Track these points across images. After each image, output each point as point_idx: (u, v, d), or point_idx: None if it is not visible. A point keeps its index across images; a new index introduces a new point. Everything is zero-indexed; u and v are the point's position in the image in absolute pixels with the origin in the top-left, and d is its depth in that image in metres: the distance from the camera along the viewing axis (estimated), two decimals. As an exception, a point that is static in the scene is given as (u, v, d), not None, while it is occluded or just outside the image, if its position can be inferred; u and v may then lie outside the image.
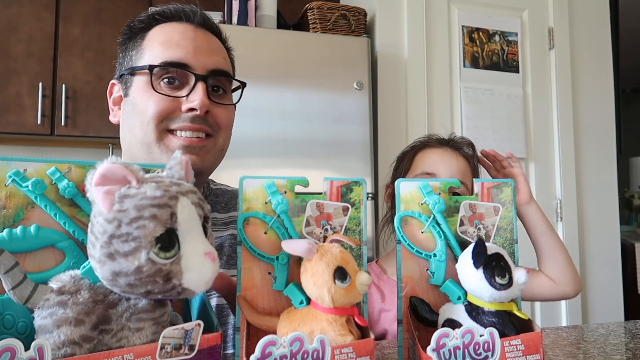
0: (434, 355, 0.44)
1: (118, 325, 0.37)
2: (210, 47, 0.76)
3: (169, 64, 0.72)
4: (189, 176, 0.43)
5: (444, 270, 0.52)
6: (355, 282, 0.43)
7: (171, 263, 0.36)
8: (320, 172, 1.74)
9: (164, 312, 0.39)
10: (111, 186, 0.36)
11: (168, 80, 0.72)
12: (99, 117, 2.19)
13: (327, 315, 0.43)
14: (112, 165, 0.36)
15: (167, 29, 0.75)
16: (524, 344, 0.45)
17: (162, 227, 0.36)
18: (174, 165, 0.42)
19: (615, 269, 2.14)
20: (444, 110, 1.99)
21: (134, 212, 0.36)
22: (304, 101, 1.76)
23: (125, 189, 0.37)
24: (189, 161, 0.43)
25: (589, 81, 2.19)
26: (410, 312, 0.51)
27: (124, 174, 0.37)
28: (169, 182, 0.39)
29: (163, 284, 0.36)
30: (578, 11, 2.20)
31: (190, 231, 0.38)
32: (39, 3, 2.16)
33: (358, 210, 0.50)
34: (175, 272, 0.36)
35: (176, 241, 0.37)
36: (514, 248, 0.53)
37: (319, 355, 0.40)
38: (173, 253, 0.36)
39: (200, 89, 0.71)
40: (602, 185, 2.17)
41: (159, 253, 0.36)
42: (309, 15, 1.87)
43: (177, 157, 0.42)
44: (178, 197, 0.38)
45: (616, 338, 0.67)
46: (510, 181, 0.54)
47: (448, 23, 2.04)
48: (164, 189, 0.37)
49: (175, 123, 0.71)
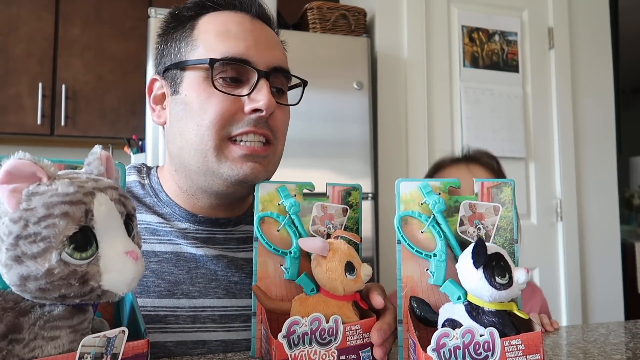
0: (434, 355, 0.44)
1: (31, 334, 0.35)
2: (269, 41, 0.67)
3: (230, 59, 0.62)
4: (111, 172, 0.40)
5: (444, 270, 0.52)
6: (360, 274, 0.51)
7: (88, 264, 0.34)
8: (320, 172, 1.74)
9: (83, 318, 0.37)
10: (18, 184, 0.34)
11: (227, 77, 0.63)
12: (99, 117, 2.19)
13: (337, 302, 0.51)
14: (18, 161, 0.34)
15: (221, 19, 0.66)
16: (524, 343, 0.45)
17: (75, 225, 0.33)
18: (92, 160, 0.39)
19: (615, 269, 2.14)
20: (444, 110, 1.99)
21: (42, 210, 0.33)
22: (304, 101, 1.75)
23: (34, 187, 0.34)
24: (110, 156, 0.40)
25: (589, 81, 2.19)
26: (410, 312, 0.51)
27: (32, 170, 0.34)
28: (85, 178, 0.36)
29: (79, 286, 0.33)
30: (578, 11, 2.20)
31: (110, 229, 0.35)
32: (39, 3, 2.16)
33: (355, 212, 0.57)
34: (92, 274, 0.34)
35: (93, 240, 0.34)
36: (514, 248, 0.53)
37: (333, 331, 0.48)
38: (90, 253, 0.34)
39: (265, 87, 0.62)
40: (602, 185, 2.17)
41: (73, 253, 0.33)
42: (308, 15, 1.87)
43: (95, 152, 0.40)
44: (94, 193, 0.35)
45: (616, 338, 0.67)
46: (510, 181, 0.54)
47: (448, 23, 2.04)
48: (79, 185, 0.35)
49: (237, 128, 0.62)
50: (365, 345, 0.50)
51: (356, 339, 0.49)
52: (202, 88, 0.63)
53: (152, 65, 1.67)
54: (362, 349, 0.49)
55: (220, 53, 0.62)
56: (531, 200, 2.05)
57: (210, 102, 0.62)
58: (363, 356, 0.49)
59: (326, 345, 0.48)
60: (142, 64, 1.87)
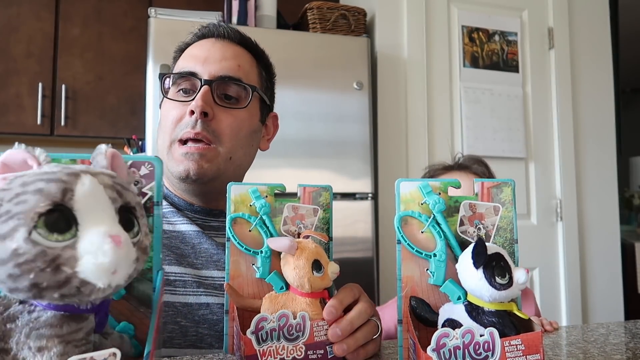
0: (434, 355, 0.44)
1: (18, 343, 0.31)
2: (224, 55, 0.76)
3: (177, 73, 0.76)
4: (120, 170, 0.38)
5: (444, 270, 0.52)
6: (327, 272, 0.52)
7: (63, 248, 0.30)
8: (320, 172, 1.74)
9: (76, 327, 0.32)
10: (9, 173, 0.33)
11: (181, 89, 0.76)
12: (99, 117, 2.19)
13: (305, 299, 0.52)
14: (12, 150, 0.33)
15: (194, 46, 0.79)
16: (524, 344, 0.45)
17: (48, 202, 0.30)
18: (96, 155, 0.38)
19: (615, 269, 2.14)
20: (444, 110, 1.99)
21: (18, 188, 0.31)
22: (304, 101, 1.76)
23: (22, 172, 0.32)
24: (117, 154, 0.40)
25: (589, 81, 2.19)
26: (410, 312, 0.51)
27: (23, 157, 0.33)
28: (81, 167, 0.34)
29: (52, 273, 0.29)
30: (578, 11, 2.20)
31: (93, 212, 0.32)
32: (39, 3, 2.16)
33: (326, 212, 0.59)
34: (66, 258, 0.30)
35: (73, 223, 0.31)
36: (514, 248, 0.53)
37: (301, 327, 0.50)
38: (68, 236, 0.30)
39: (201, 92, 0.72)
40: (602, 185, 2.17)
41: (46, 234, 0.30)
42: (308, 15, 1.87)
43: (100, 148, 0.38)
44: (79, 175, 0.32)
45: (616, 338, 0.67)
46: (510, 181, 0.54)
47: (448, 23, 2.04)
48: (64, 167, 0.33)
49: (181, 129, 0.73)
50: None
51: (323, 335, 0.50)
52: (164, 100, 0.78)
53: (152, 65, 1.67)
54: (330, 345, 0.51)
55: (178, 70, 0.77)
56: (531, 200, 2.05)
57: (164, 109, 0.77)
58: (330, 351, 0.51)
59: (294, 340, 0.49)
60: (142, 64, 1.87)
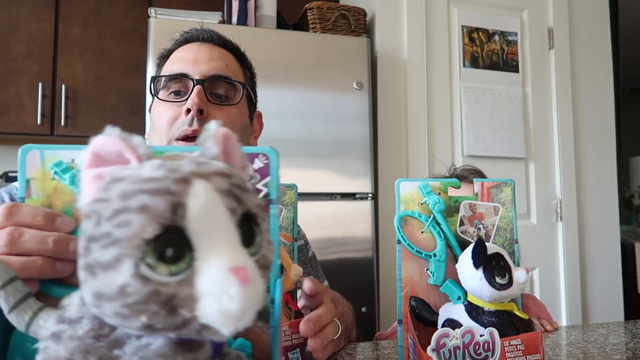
0: (434, 355, 0.44)
1: None
2: (212, 56, 0.80)
3: (169, 75, 0.79)
4: (234, 155, 0.29)
5: (444, 270, 0.52)
6: (290, 274, 0.51)
7: (178, 283, 0.23)
8: (320, 172, 1.74)
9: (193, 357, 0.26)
10: (103, 169, 0.26)
11: (172, 91, 0.79)
12: (99, 117, 2.19)
13: None
14: (105, 138, 0.26)
15: (180, 49, 0.83)
16: (524, 344, 0.45)
17: (156, 225, 0.23)
18: (206, 138, 0.29)
19: (615, 269, 2.14)
20: (444, 110, 1.99)
21: (117, 202, 0.24)
22: (304, 101, 1.76)
23: (120, 170, 0.25)
24: (230, 135, 0.29)
25: (589, 81, 2.19)
26: (410, 312, 0.51)
27: (118, 149, 0.26)
28: (187, 160, 0.26)
29: (167, 315, 0.23)
30: (578, 11, 2.20)
31: (211, 232, 0.24)
32: (38, 3, 2.16)
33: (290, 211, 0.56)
34: (183, 298, 0.23)
35: (186, 249, 0.23)
36: (514, 248, 0.53)
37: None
38: (183, 266, 0.23)
39: (195, 90, 0.75)
40: (602, 185, 2.17)
41: (156, 264, 0.23)
42: (308, 15, 1.87)
43: (210, 129, 0.29)
44: (190, 179, 0.24)
45: (616, 338, 0.67)
46: (510, 181, 0.54)
47: (448, 23, 2.04)
48: (170, 169, 0.25)
49: (178, 128, 0.75)
50: (293, 346, 0.50)
51: (284, 340, 0.48)
52: (154, 104, 0.80)
53: (152, 65, 1.67)
54: (291, 350, 0.49)
55: (167, 73, 0.80)
56: (531, 200, 2.05)
57: (156, 111, 0.79)
58: (292, 357, 0.49)
59: None
60: (142, 64, 1.87)
